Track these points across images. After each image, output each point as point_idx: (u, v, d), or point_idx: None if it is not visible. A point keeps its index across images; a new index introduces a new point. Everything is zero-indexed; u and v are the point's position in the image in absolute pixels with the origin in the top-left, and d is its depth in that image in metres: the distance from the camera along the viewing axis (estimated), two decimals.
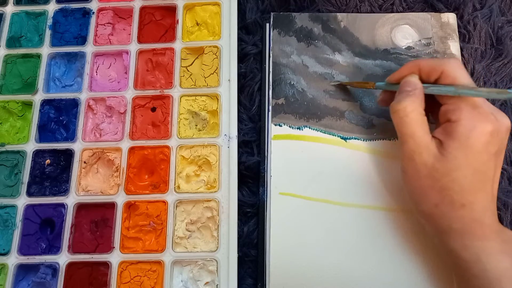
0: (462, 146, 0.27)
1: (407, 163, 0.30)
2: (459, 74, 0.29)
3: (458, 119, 0.28)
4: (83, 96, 0.39)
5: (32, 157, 0.37)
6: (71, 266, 0.34)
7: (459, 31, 0.40)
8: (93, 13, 0.41)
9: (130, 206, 0.36)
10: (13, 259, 0.35)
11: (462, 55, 0.40)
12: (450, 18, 0.40)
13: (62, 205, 0.36)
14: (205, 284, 0.34)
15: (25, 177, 0.37)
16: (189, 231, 0.35)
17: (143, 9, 0.41)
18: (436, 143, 0.29)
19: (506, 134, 0.29)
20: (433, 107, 0.31)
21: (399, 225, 0.34)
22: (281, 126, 0.37)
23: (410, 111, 0.29)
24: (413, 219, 0.34)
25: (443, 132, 0.29)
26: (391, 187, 0.35)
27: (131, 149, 0.37)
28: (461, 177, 0.27)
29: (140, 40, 0.40)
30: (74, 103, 0.39)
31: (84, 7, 0.42)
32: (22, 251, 0.35)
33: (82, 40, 0.41)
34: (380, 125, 0.37)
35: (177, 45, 0.40)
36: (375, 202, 0.35)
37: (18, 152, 0.37)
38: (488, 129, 0.27)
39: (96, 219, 0.36)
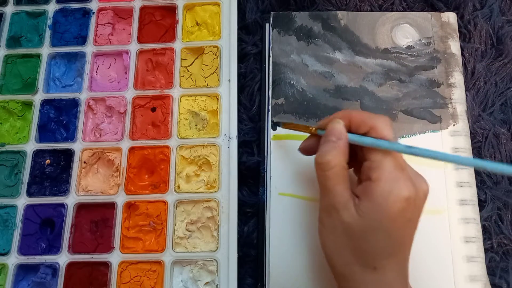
0: (378, 209, 0.26)
1: (324, 216, 0.29)
2: (387, 133, 0.28)
3: (377, 179, 0.26)
4: (83, 96, 0.39)
5: (32, 157, 0.37)
6: (71, 266, 0.34)
7: (459, 31, 0.40)
8: (93, 13, 0.41)
9: (130, 206, 0.36)
10: (13, 259, 0.35)
11: (462, 54, 0.40)
12: (451, 17, 0.40)
13: (62, 205, 0.36)
14: (205, 284, 0.34)
15: (25, 177, 0.37)
16: (189, 231, 0.35)
17: (143, 9, 0.41)
18: (354, 200, 0.27)
19: (423, 200, 0.27)
20: (355, 161, 0.30)
21: None
22: (281, 126, 0.37)
23: (333, 166, 0.28)
24: None
25: (362, 190, 0.27)
26: None
27: (131, 149, 0.37)
28: (374, 240, 0.26)
29: (140, 40, 0.40)
30: (74, 103, 0.39)
31: (84, 7, 0.42)
32: (22, 251, 0.35)
33: (82, 40, 0.41)
34: None
35: (177, 45, 0.40)
36: None
37: (18, 152, 0.37)
38: (405, 195, 0.26)
39: (96, 219, 0.36)
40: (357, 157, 0.29)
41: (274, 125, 0.37)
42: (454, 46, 0.39)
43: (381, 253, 0.27)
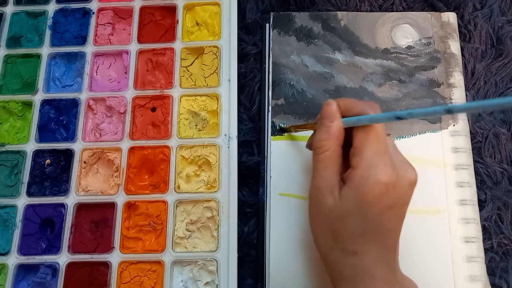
0: (355, 194, 0.26)
1: (312, 199, 0.29)
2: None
3: (357, 166, 0.27)
4: (83, 96, 0.39)
5: (32, 157, 0.37)
6: (71, 266, 0.34)
7: (459, 31, 0.40)
8: (93, 13, 0.41)
9: (130, 206, 0.36)
10: (13, 259, 0.35)
11: (462, 54, 0.40)
12: (451, 17, 0.40)
13: (62, 205, 0.36)
14: (205, 284, 0.34)
15: (25, 177, 0.37)
16: (189, 231, 0.35)
17: (143, 9, 0.41)
18: (340, 186, 0.28)
19: (408, 188, 0.27)
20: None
21: None
22: (287, 131, 0.37)
23: (325, 149, 0.28)
24: (411, 219, 0.34)
25: (346, 177, 0.28)
26: None
27: (131, 149, 0.37)
28: (352, 225, 0.26)
29: (140, 40, 0.40)
30: (74, 103, 0.39)
31: (84, 7, 0.42)
32: (22, 251, 0.35)
33: (82, 40, 0.41)
34: None
35: (177, 45, 0.40)
36: None
37: (18, 152, 0.37)
38: (383, 180, 0.26)
39: (96, 219, 0.36)
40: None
41: (281, 131, 0.37)
42: (454, 46, 0.39)
43: (360, 238, 0.27)
